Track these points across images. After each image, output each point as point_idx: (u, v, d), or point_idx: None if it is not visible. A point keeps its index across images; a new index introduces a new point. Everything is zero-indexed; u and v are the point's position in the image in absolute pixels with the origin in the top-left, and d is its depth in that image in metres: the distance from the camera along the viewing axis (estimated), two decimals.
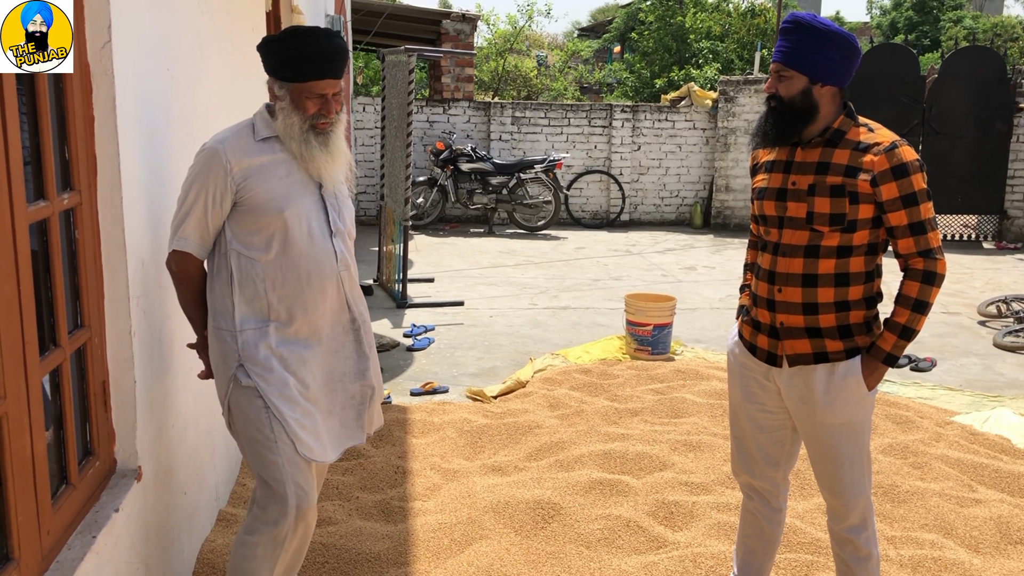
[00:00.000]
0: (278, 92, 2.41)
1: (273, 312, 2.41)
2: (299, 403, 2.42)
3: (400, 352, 6.00)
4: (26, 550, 1.78)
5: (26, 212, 1.80)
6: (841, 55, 2.40)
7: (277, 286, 2.41)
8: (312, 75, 2.37)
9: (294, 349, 2.44)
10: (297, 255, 2.41)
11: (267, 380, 2.38)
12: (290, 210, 2.40)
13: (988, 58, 11.05)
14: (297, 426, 2.39)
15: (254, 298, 2.40)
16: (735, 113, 12.01)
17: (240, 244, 2.41)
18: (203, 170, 2.37)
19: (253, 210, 2.39)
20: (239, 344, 2.39)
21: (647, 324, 5.84)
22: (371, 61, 18.67)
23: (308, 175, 2.48)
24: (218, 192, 2.36)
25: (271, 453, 2.37)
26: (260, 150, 2.42)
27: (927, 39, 29.13)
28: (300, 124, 2.40)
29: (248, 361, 2.39)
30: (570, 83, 23.16)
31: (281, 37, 2.41)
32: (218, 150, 2.37)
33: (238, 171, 2.37)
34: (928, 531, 3.46)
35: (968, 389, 5.44)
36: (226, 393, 2.42)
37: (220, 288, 2.42)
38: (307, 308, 2.44)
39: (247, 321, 2.40)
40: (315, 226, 2.45)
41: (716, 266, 9.57)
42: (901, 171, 2.35)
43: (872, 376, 2.46)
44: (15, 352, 1.74)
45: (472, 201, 11.41)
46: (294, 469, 2.39)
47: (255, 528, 2.42)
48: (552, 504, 3.53)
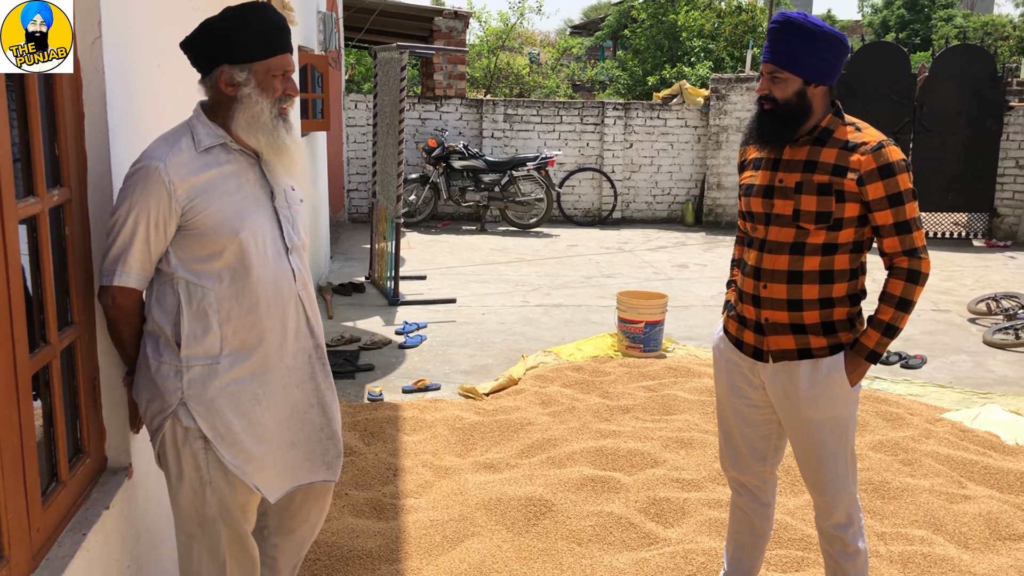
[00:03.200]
0: (239, 78, 2.12)
1: (227, 345, 2.15)
2: (244, 449, 2.18)
3: (392, 349, 6.00)
4: (16, 548, 1.77)
5: (15, 209, 1.80)
6: (832, 54, 2.41)
7: (232, 317, 2.14)
8: (277, 48, 2.14)
9: (247, 386, 2.18)
10: (255, 281, 2.15)
11: (210, 423, 2.14)
12: (245, 231, 2.13)
13: (979, 57, 11.09)
14: (240, 472, 2.18)
15: (206, 332, 2.12)
16: (727, 111, 12.03)
17: (188, 271, 2.13)
18: (142, 193, 2.05)
19: (203, 234, 2.11)
20: (184, 382, 2.13)
21: (639, 321, 5.85)
22: (363, 58, 18.64)
23: (261, 181, 2.23)
24: (160, 218, 2.07)
25: (204, 493, 2.18)
26: (205, 164, 2.12)
27: (918, 37, 29.23)
28: (270, 109, 2.15)
29: (192, 400, 2.13)
30: (562, 81, 23.18)
31: (234, 13, 2.12)
32: (158, 169, 2.05)
33: (182, 192, 2.07)
34: (918, 527, 3.48)
35: (958, 386, 5.47)
36: (158, 430, 2.17)
37: (162, 318, 2.14)
38: (265, 338, 2.18)
39: (195, 357, 2.13)
40: (270, 244, 2.19)
41: (708, 264, 9.59)
42: (887, 171, 2.37)
43: (855, 372, 2.47)
44: (4, 349, 1.74)
45: (464, 198, 11.41)
46: (224, 510, 2.21)
47: (191, 556, 2.28)
48: (544, 501, 3.53)
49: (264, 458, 2.23)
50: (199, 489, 2.19)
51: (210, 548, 2.25)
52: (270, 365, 2.22)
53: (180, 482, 2.20)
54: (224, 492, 2.20)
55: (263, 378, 2.21)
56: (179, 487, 2.21)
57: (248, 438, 2.19)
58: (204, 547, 2.26)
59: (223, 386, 2.15)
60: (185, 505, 2.23)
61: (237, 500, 2.22)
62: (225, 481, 2.19)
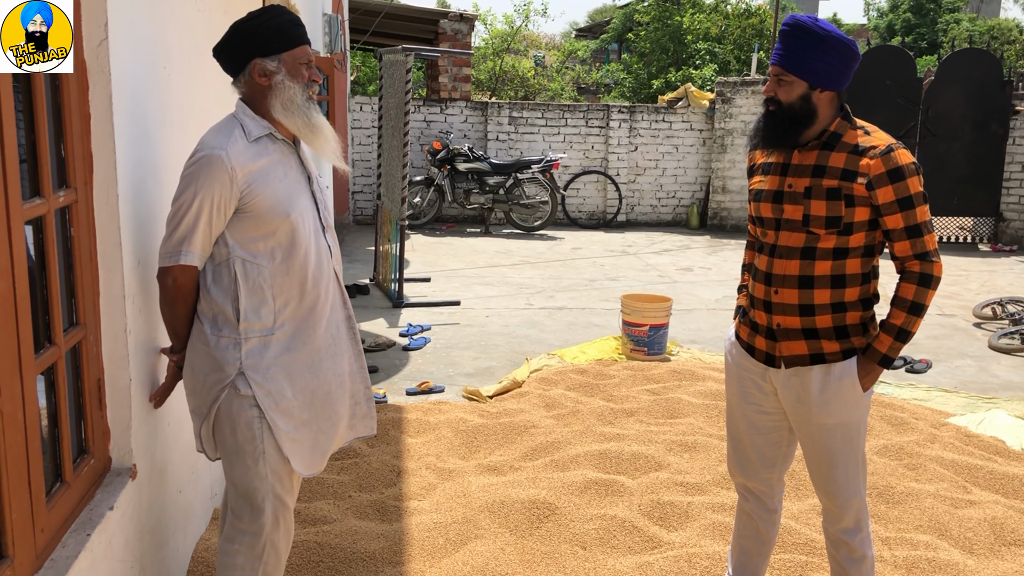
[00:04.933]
0: (271, 67, 2.33)
1: (280, 317, 2.36)
2: (294, 415, 2.38)
3: (396, 352, 6.00)
4: (20, 548, 1.78)
5: (22, 210, 1.80)
6: (841, 61, 2.40)
7: (284, 291, 2.35)
8: (300, 39, 2.37)
9: (298, 355, 2.39)
10: (302, 257, 2.36)
11: (267, 390, 2.33)
12: (295, 212, 2.35)
13: (985, 61, 11.07)
14: (290, 440, 2.36)
15: (261, 305, 2.33)
16: (732, 114, 12.02)
17: (244, 251, 2.32)
18: (206, 179, 2.25)
19: (259, 216, 2.31)
20: (243, 352, 2.32)
21: (643, 324, 5.84)
22: (368, 60, 18.66)
23: (300, 167, 2.45)
24: (223, 201, 2.27)
25: (257, 464, 2.35)
26: (257, 153, 2.33)
27: (924, 41, 29.18)
28: (301, 92, 2.36)
29: (250, 370, 2.32)
30: (567, 83, 23.18)
31: (259, 12, 2.38)
32: (221, 157, 2.25)
33: (242, 178, 2.27)
34: (922, 532, 3.47)
35: (963, 391, 5.45)
36: (215, 400, 2.34)
37: (220, 296, 2.33)
38: (313, 311, 2.40)
39: (252, 330, 2.33)
40: (311, 224, 2.42)
41: (712, 267, 9.58)
42: (897, 174, 2.36)
43: (867, 377, 2.46)
44: (10, 350, 1.74)
45: (469, 201, 11.41)
46: (276, 481, 2.38)
47: (233, 536, 2.42)
48: (547, 504, 3.53)
49: (313, 424, 2.43)
50: (252, 464, 2.35)
51: (254, 533, 2.40)
52: (317, 334, 2.43)
53: (236, 455, 2.36)
54: (276, 464, 2.36)
55: (312, 346, 2.42)
56: (236, 461, 2.37)
57: (299, 405, 2.39)
58: (249, 532, 2.40)
59: (278, 355, 2.36)
60: (239, 480, 2.38)
61: (287, 472, 2.40)
62: (278, 454, 2.36)
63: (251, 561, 2.41)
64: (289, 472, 2.41)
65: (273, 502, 2.38)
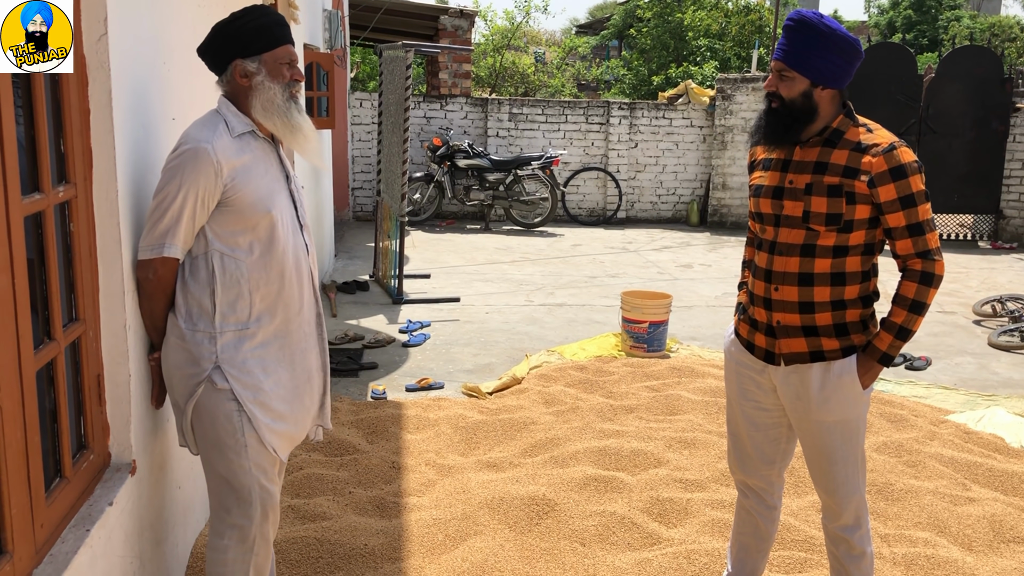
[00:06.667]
0: (251, 69, 2.37)
1: (255, 311, 2.38)
2: (271, 407, 2.40)
3: (396, 348, 6.00)
4: (20, 543, 1.78)
5: (21, 205, 1.80)
6: (844, 59, 2.39)
7: (261, 285, 2.38)
8: (281, 40, 2.39)
9: (272, 349, 2.42)
10: (280, 253, 2.40)
11: (243, 384, 2.35)
12: (276, 208, 2.38)
13: (985, 58, 11.05)
14: (270, 432, 2.39)
15: (237, 299, 2.35)
16: (732, 111, 12.01)
17: (223, 245, 2.35)
18: (192, 172, 2.26)
19: (240, 211, 2.33)
20: (218, 346, 2.34)
21: (643, 321, 5.84)
22: (368, 56, 18.64)
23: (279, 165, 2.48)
24: (207, 195, 2.28)
25: (239, 457, 2.36)
26: (240, 148, 2.36)
27: (925, 38, 29.15)
28: (281, 93, 2.38)
29: (226, 363, 2.34)
30: (568, 80, 23.15)
31: (241, 13, 2.39)
32: (207, 150, 2.27)
33: (227, 171, 2.30)
34: (922, 529, 3.47)
35: (963, 388, 5.46)
36: (191, 395, 2.35)
37: (197, 289, 2.34)
38: (287, 306, 2.43)
39: (228, 323, 2.35)
40: (289, 221, 2.45)
41: (712, 264, 9.58)
42: (899, 172, 2.35)
43: (867, 375, 2.46)
44: (9, 345, 1.74)
45: (469, 197, 11.40)
46: (260, 473, 2.39)
47: (222, 531, 2.42)
48: (547, 500, 3.53)
49: (288, 417, 2.45)
50: (235, 457, 2.36)
51: (244, 526, 2.40)
52: (291, 329, 2.46)
53: (219, 450, 2.36)
54: (259, 456, 2.38)
55: (285, 341, 2.45)
56: (219, 455, 2.37)
57: (275, 398, 2.41)
58: (238, 525, 2.40)
59: (252, 349, 2.38)
60: (225, 474, 2.38)
61: (271, 462, 2.42)
62: (259, 446, 2.38)
63: (242, 554, 2.41)
64: (272, 462, 2.43)
65: (260, 494, 2.40)
